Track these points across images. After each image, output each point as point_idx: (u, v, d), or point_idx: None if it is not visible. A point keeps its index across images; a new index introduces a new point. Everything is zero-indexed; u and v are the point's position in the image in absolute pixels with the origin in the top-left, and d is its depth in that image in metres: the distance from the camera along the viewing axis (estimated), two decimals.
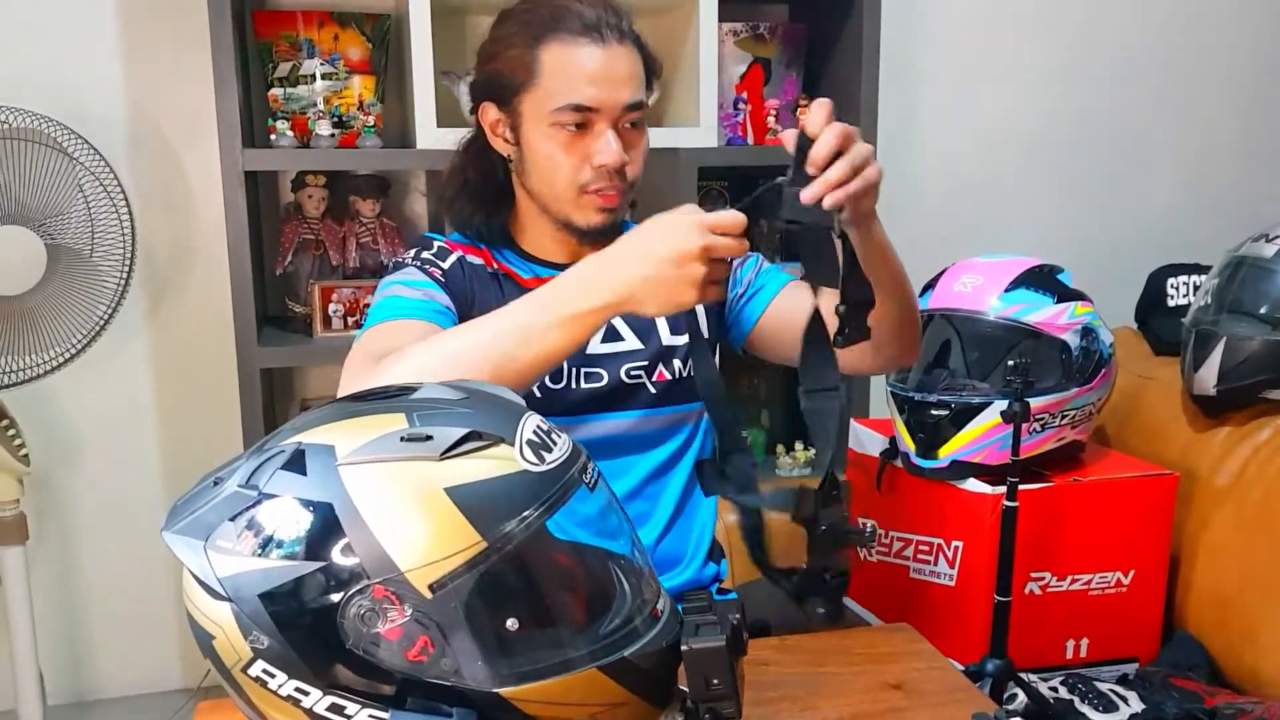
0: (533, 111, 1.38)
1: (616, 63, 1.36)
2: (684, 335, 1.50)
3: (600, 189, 1.38)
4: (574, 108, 1.35)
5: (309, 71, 2.34)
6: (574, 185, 1.39)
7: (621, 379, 1.45)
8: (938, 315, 1.89)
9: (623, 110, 1.37)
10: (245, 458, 0.89)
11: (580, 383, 1.43)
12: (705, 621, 0.89)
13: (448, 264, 1.42)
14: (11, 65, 2.35)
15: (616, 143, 1.37)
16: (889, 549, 1.97)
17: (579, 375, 1.43)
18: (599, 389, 1.44)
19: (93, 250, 2.16)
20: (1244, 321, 1.94)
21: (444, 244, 1.46)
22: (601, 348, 1.45)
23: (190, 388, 2.55)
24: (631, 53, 1.39)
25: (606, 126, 1.37)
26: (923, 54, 2.83)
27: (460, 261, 1.43)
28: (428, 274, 1.40)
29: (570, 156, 1.37)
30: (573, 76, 1.35)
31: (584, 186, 1.39)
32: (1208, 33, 3.02)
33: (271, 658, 0.82)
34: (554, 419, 1.03)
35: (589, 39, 1.35)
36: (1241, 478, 1.93)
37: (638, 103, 1.39)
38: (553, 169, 1.39)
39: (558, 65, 1.36)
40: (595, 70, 1.35)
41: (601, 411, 1.45)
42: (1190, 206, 3.08)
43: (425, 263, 1.42)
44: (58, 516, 2.55)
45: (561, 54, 1.36)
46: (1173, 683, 1.80)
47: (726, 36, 2.53)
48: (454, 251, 1.44)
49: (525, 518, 0.83)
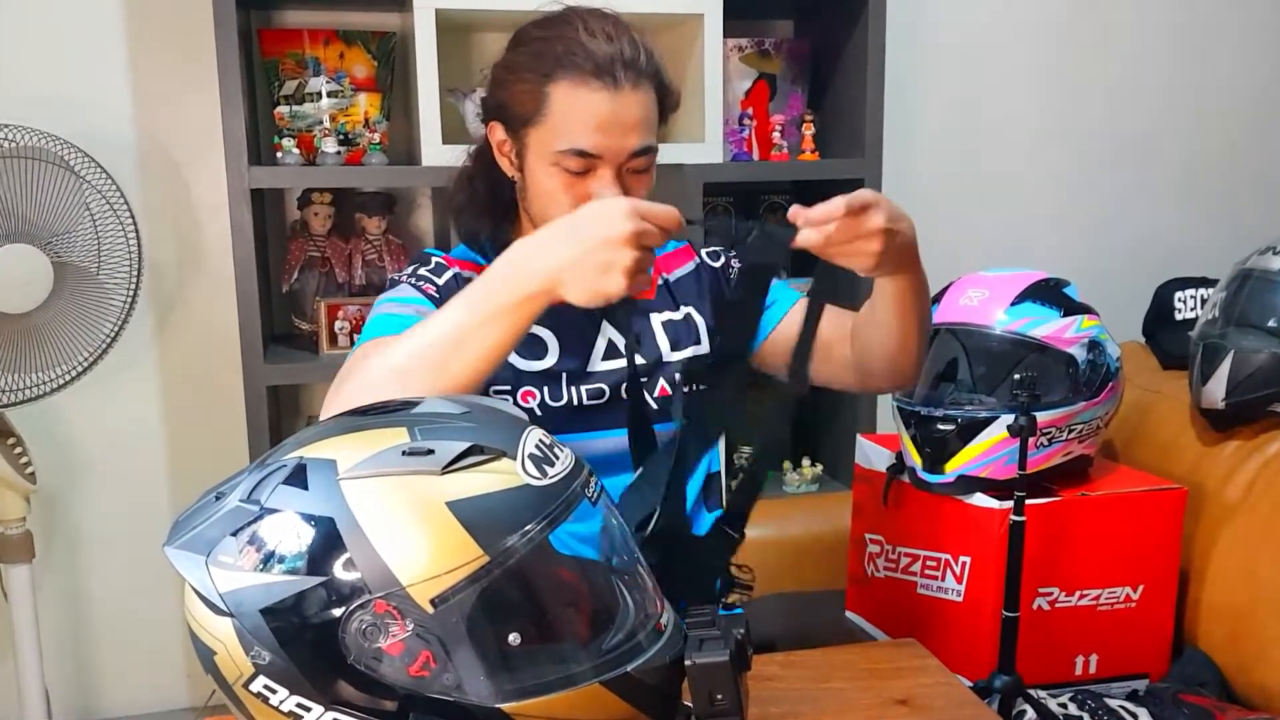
0: (537, 146, 1.37)
1: (626, 109, 1.34)
2: (684, 350, 1.49)
3: None
4: (576, 153, 1.33)
5: (315, 89, 2.35)
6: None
7: (623, 395, 1.45)
8: (944, 329, 1.89)
9: (629, 157, 1.36)
10: (247, 472, 0.89)
11: (581, 399, 1.43)
12: (709, 636, 0.89)
13: (442, 280, 1.42)
14: (18, 84, 2.36)
15: (614, 188, 1.35)
16: (896, 565, 1.96)
17: (579, 392, 1.43)
18: (599, 405, 1.44)
19: (99, 268, 2.17)
20: (1252, 335, 1.93)
21: (441, 259, 1.46)
22: (603, 365, 1.45)
23: (197, 405, 2.56)
24: (645, 96, 1.36)
25: (609, 171, 1.35)
26: (927, 69, 2.83)
27: (455, 278, 1.43)
28: (421, 290, 1.40)
29: (568, 196, 1.35)
30: (579, 121, 1.33)
31: None
32: (1217, 46, 3.02)
33: (273, 673, 0.82)
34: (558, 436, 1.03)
35: (600, 82, 1.32)
36: (1251, 492, 1.92)
37: (645, 148, 1.36)
38: (550, 204, 1.37)
39: (565, 106, 1.33)
40: (602, 117, 1.33)
41: (604, 428, 1.44)
42: (1198, 220, 3.07)
43: (420, 279, 1.42)
44: (64, 534, 2.55)
45: (570, 96, 1.33)
46: (1183, 699, 1.79)
47: (732, 52, 2.53)
48: (450, 268, 1.44)
49: (527, 532, 0.83)
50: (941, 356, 1.88)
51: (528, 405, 1.39)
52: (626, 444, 1.45)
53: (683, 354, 1.50)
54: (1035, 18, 2.89)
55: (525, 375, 1.41)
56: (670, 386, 1.48)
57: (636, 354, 1.45)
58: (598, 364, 1.45)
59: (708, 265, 1.58)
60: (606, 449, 1.44)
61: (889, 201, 1.20)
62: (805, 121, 2.53)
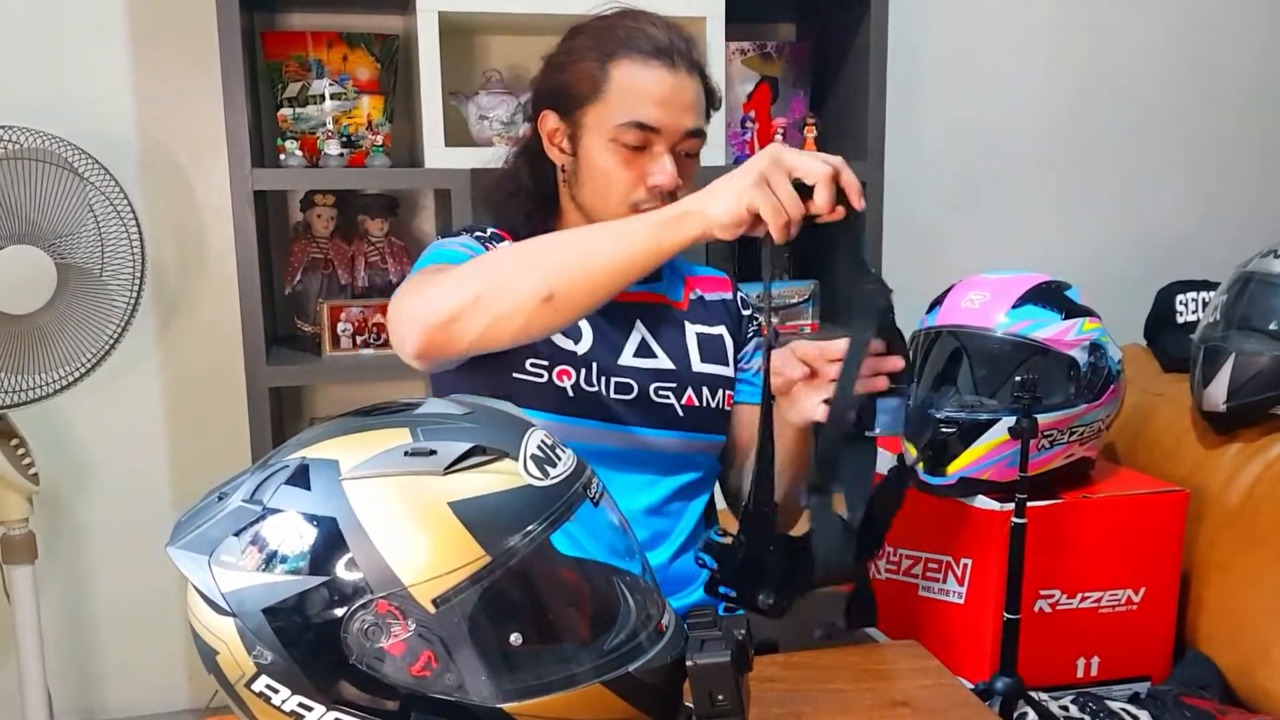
0: (595, 125, 1.41)
1: (683, 89, 1.40)
2: (715, 366, 1.51)
3: (651, 209, 1.38)
4: (637, 125, 1.38)
5: (318, 91, 2.35)
6: (626, 202, 1.41)
7: (650, 396, 1.46)
8: (945, 332, 1.89)
9: (683, 136, 1.40)
10: (250, 473, 0.89)
11: (610, 391, 1.43)
12: (710, 637, 0.89)
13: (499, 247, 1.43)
14: (22, 85, 2.36)
15: (673, 166, 1.40)
16: (897, 566, 1.96)
17: (609, 384, 1.43)
18: (628, 400, 1.44)
19: (103, 269, 2.17)
20: (1253, 338, 1.94)
21: (497, 231, 1.48)
22: (633, 360, 1.46)
23: (200, 407, 2.56)
24: (696, 83, 1.42)
25: (665, 149, 1.39)
26: (929, 72, 2.83)
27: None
28: (482, 245, 1.42)
29: (627, 173, 1.40)
30: (640, 95, 1.38)
31: (636, 205, 1.40)
32: (1218, 48, 3.02)
33: (275, 673, 0.82)
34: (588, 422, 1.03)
35: (660, 62, 1.38)
36: (1252, 494, 1.92)
37: (698, 130, 1.42)
38: (607, 184, 1.41)
39: (627, 82, 1.39)
40: (663, 93, 1.38)
41: (631, 424, 1.45)
42: (1199, 223, 3.07)
43: (478, 239, 1.44)
44: (67, 535, 2.55)
45: (631, 72, 1.39)
46: (1184, 701, 1.79)
47: (734, 55, 2.53)
48: (505, 240, 1.46)
49: (529, 532, 0.83)
50: (943, 358, 1.89)
51: (562, 384, 1.40)
52: (655, 445, 1.46)
53: (710, 368, 1.51)
54: (1037, 21, 2.89)
55: (562, 353, 1.42)
56: (697, 398, 1.48)
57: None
58: (628, 359, 1.46)
59: (739, 309, 1.60)
60: (635, 445, 1.45)
61: None
62: (807, 124, 2.53)
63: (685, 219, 1.14)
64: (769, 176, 1.10)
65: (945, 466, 1.83)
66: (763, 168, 1.10)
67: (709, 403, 1.50)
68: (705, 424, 1.50)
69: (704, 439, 1.50)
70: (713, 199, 1.13)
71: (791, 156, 1.11)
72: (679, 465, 1.50)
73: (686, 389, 1.48)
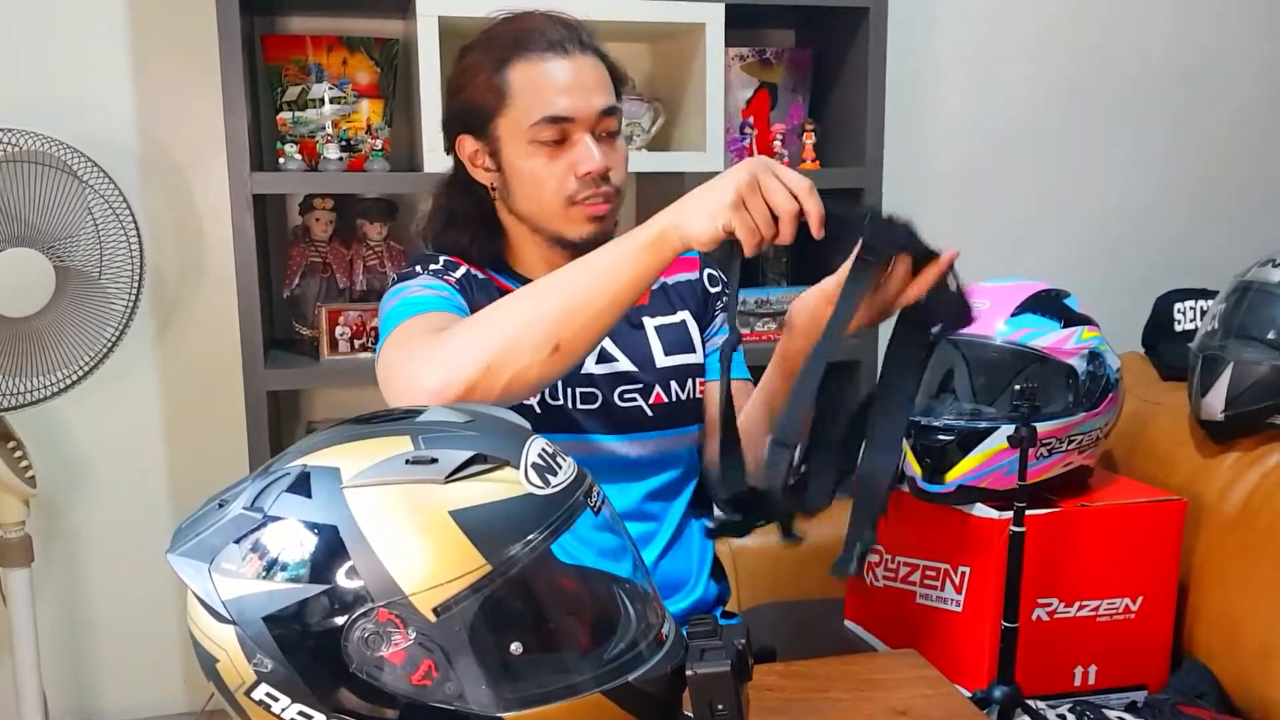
0: (510, 133, 1.39)
1: (584, 71, 1.38)
2: (680, 356, 1.49)
3: (587, 198, 1.39)
4: (550, 119, 1.36)
5: (317, 95, 2.36)
6: (561, 198, 1.39)
7: (616, 401, 1.45)
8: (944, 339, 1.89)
9: (598, 117, 1.38)
10: (250, 480, 0.89)
11: (576, 402, 1.43)
12: (710, 646, 0.89)
13: (457, 275, 1.43)
14: (21, 88, 2.36)
15: (597, 149, 1.38)
16: (895, 574, 1.96)
17: (574, 394, 1.43)
18: (594, 409, 1.44)
19: (101, 272, 2.17)
20: (1251, 347, 1.93)
21: (450, 258, 1.46)
22: (595, 368, 1.45)
23: (197, 410, 2.56)
24: (596, 62, 1.41)
25: (584, 134, 1.38)
26: (928, 79, 2.84)
27: (468, 274, 1.44)
28: (442, 280, 1.40)
29: (555, 170, 1.38)
30: (543, 90, 1.37)
31: (571, 198, 1.39)
32: (1219, 57, 3.03)
33: (275, 681, 0.82)
34: (553, 436, 1.03)
35: (554, 53, 1.37)
36: (1249, 503, 1.92)
37: (611, 108, 1.40)
38: (538, 186, 1.39)
39: (527, 82, 1.37)
40: (565, 81, 1.37)
41: (598, 433, 1.44)
42: (1197, 232, 3.07)
43: (435, 273, 1.42)
44: (63, 538, 2.55)
45: (529, 71, 1.37)
46: (1182, 710, 1.78)
47: (733, 61, 2.54)
48: (460, 265, 1.45)
49: (530, 541, 0.83)
50: (942, 366, 1.89)
51: (529, 401, 1.38)
52: (625, 450, 1.45)
53: (676, 360, 1.50)
54: (1037, 28, 2.89)
55: None
56: (665, 394, 1.48)
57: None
58: (590, 366, 1.45)
59: (706, 287, 1.58)
60: (604, 452, 1.44)
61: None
62: (806, 131, 2.53)
63: (664, 239, 1.14)
64: (746, 199, 1.10)
65: (943, 474, 1.82)
66: (740, 190, 1.10)
67: (678, 395, 1.49)
68: (677, 418, 1.49)
69: (676, 434, 1.49)
70: (689, 216, 1.13)
71: (768, 182, 1.11)
72: (653, 465, 1.49)
73: (653, 388, 1.47)
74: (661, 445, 1.48)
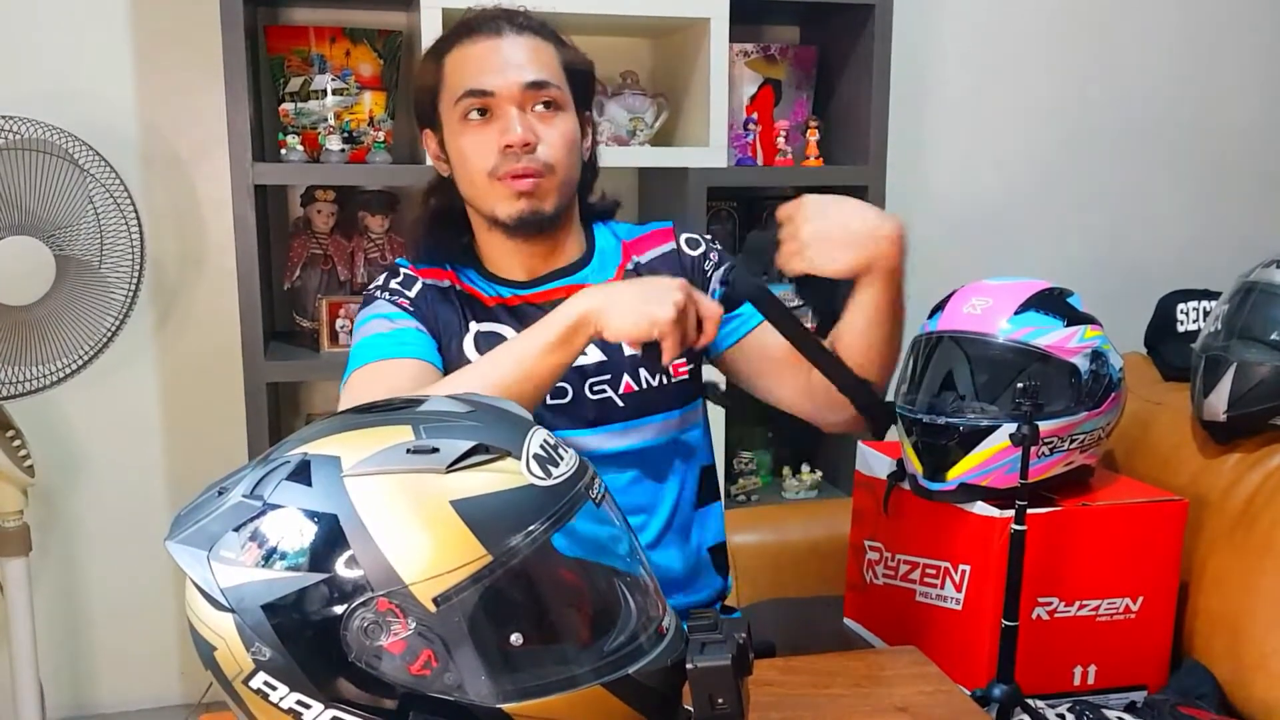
0: (446, 116, 1.42)
1: (511, 49, 1.39)
2: None
3: (510, 171, 1.38)
4: (470, 93, 1.38)
5: (320, 87, 2.35)
6: (484, 173, 1.39)
7: (586, 394, 1.44)
8: (946, 337, 1.88)
9: (523, 90, 1.38)
10: (250, 468, 0.89)
11: (546, 398, 1.42)
12: (711, 640, 0.88)
13: (413, 292, 1.44)
14: (24, 77, 2.36)
15: (521, 122, 1.37)
16: (895, 572, 1.95)
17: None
18: (563, 404, 1.43)
19: (101, 261, 2.17)
20: (1254, 348, 1.93)
21: (409, 271, 1.47)
22: None
23: (197, 401, 2.55)
24: (533, 41, 1.41)
25: (509, 108, 1.38)
26: (933, 75, 2.83)
27: (424, 288, 1.45)
28: (397, 305, 1.42)
29: (478, 144, 1.39)
30: (468, 68, 1.39)
31: (493, 172, 1.38)
32: (1220, 59, 3.02)
33: (273, 670, 0.81)
34: None
35: (484, 33, 1.40)
36: (1251, 504, 1.92)
37: (539, 82, 1.39)
38: (465, 163, 1.40)
39: (456, 64, 1.41)
40: (490, 58, 1.39)
41: (568, 428, 1.42)
42: (1201, 232, 3.07)
43: (393, 293, 1.44)
44: (61, 528, 2.54)
45: (460, 54, 1.41)
46: (1181, 711, 1.78)
47: (737, 58, 2.53)
48: (419, 279, 1.46)
49: (531, 532, 0.83)
50: (944, 364, 1.88)
51: None
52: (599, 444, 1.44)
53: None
54: (1041, 27, 2.89)
55: None
56: (635, 383, 1.46)
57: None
58: None
59: (685, 253, 1.57)
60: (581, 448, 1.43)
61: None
62: (810, 127, 2.53)
63: (579, 331, 1.22)
64: (686, 316, 1.21)
65: (945, 472, 1.82)
66: (679, 307, 1.20)
67: (648, 383, 1.47)
68: (648, 406, 1.47)
69: (649, 422, 1.47)
70: (618, 313, 1.20)
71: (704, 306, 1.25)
72: (629, 459, 1.46)
73: (622, 376, 1.45)
74: (634, 436, 1.46)
